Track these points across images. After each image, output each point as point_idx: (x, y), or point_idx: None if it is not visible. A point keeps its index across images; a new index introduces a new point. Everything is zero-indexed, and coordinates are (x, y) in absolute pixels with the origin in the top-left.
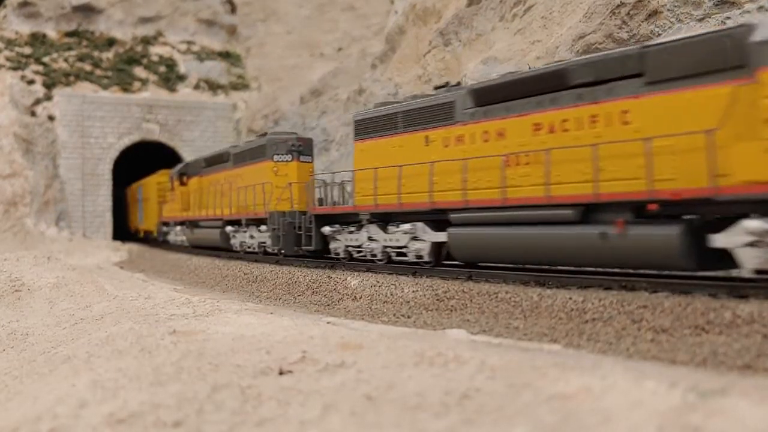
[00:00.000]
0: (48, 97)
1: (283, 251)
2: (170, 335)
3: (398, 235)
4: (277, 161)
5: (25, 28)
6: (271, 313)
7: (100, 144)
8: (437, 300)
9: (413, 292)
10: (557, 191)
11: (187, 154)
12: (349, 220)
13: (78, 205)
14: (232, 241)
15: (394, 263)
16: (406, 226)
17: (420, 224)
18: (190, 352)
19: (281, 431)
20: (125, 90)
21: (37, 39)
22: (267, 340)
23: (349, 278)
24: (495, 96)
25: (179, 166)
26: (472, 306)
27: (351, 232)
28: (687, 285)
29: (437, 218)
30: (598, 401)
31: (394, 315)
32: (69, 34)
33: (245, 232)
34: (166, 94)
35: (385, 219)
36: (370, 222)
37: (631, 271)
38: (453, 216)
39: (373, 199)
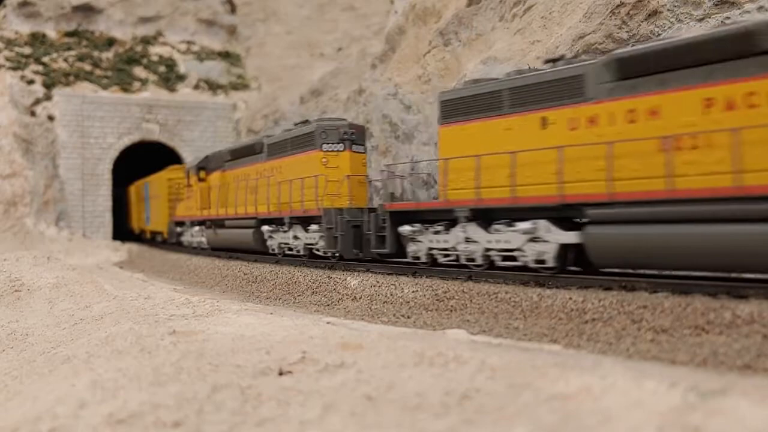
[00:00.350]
0: (48, 97)
1: (338, 254)
2: (170, 335)
3: (509, 236)
4: (327, 151)
5: (25, 28)
6: (271, 314)
7: (99, 144)
8: (437, 300)
9: (413, 292)
10: (748, 181)
11: (187, 154)
12: (435, 218)
13: (78, 205)
14: (269, 243)
15: (496, 270)
16: (525, 225)
17: (543, 222)
18: (190, 352)
19: (281, 431)
20: (125, 90)
21: (36, 39)
22: (267, 341)
23: (348, 278)
24: (646, 66)
25: (197, 160)
26: (471, 306)
27: (437, 233)
28: (687, 285)
29: (563, 215)
30: (598, 401)
31: (394, 315)
32: (69, 34)
33: (286, 232)
34: (166, 94)
35: (487, 216)
36: (469, 220)
37: (630, 271)
38: (592, 212)
39: (473, 192)
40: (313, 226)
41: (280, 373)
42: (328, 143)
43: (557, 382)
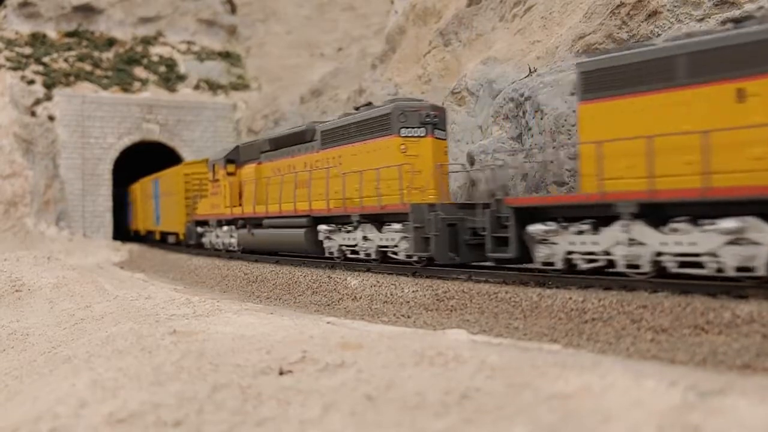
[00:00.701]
0: (48, 97)
1: (425, 258)
2: (170, 335)
3: (697, 236)
4: (406, 137)
5: (25, 28)
6: (272, 313)
7: (100, 144)
8: (437, 300)
9: (413, 292)
10: None
11: (188, 154)
12: (579, 215)
13: (78, 205)
14: (327, 245)
15: (669, 278)
16: (730, 223)
17: (753, 219)
18: (191, 351)
19: (281, 431)
20: (125, 90)
21: (37, 39)
22: (267, 340)
23: (349, 278)
24: None
25: (225, 152)
26: (472, 306)
27: (580, 233)
28: (686, 285)
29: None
30: (598, 400)
31: (394, 315)
32: (69, 34)
33: (351, 232)
34: (166, 94)
35: (659, 212)
36: (635, 217)
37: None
38: None
39: (642, 183)
40: (395, 225)
41: (281, 373)
42: (407, 127)
43: (557, 381)
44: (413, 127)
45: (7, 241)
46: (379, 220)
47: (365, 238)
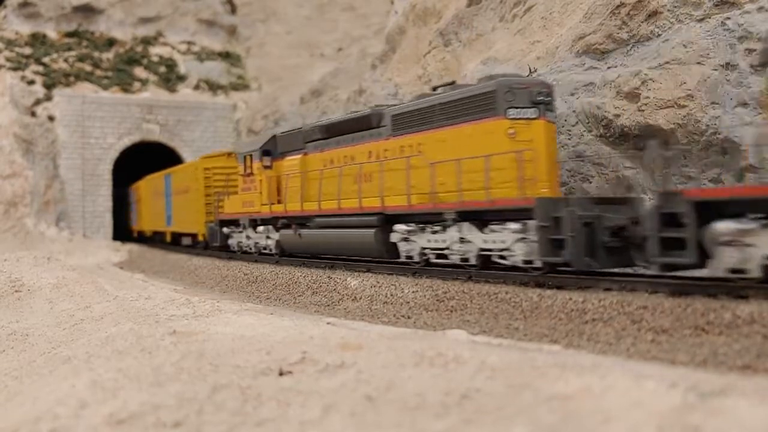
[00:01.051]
0: (48, 98)
1: (550, 265)
2: (170, 336)
3: None
4: (515, 119)
5: (25, 29)
6: (271, 314)
7: (100, 144)
8: (437, 300)
9: (413, 292)
10: None
11: (188, 155)
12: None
13: (78, 206)
14: (405, 248)
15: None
16: None
17: None
18: (190, 352)
19: (281, 431)
20: (125, 90)
21: (37, 39)
22: (267, 341)
23: (349, 279)
24: None
25: (260, 142)
26: (472, 306)
27: None
28: (687, 285)
29: None
30: (598, 401)
31: (394, 315)
32: (69, 35)
33: (438, 233)
34: (166, 95)
35: None
36: None
37: (630, 271)
38: None
39: None
40: (510, 224)
41: (281, 374)
42: (515, 107)
43: (557, 382)
44: (523, 108)
45: (7, 242)
46: (481, 218)
47: (462, 240)
